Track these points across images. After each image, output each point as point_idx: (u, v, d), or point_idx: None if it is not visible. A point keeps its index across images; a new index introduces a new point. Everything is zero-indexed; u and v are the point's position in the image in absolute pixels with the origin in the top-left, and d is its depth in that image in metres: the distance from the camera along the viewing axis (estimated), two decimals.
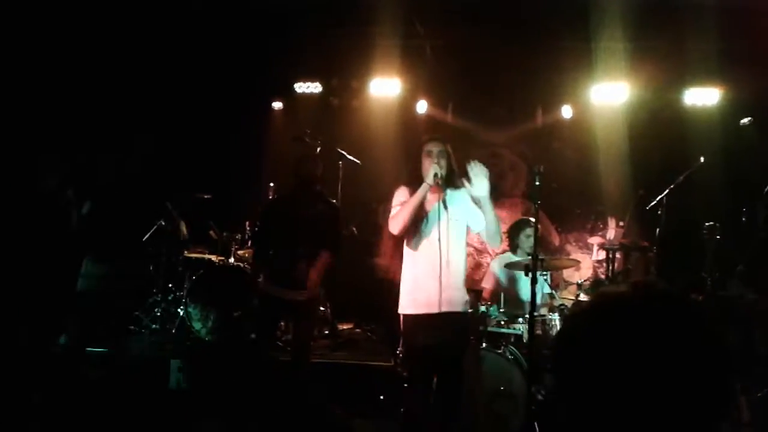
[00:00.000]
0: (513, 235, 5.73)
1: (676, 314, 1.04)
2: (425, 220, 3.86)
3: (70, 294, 4.47)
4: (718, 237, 4.73)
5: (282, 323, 5.59)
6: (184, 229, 6.11)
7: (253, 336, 4.81)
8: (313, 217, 4.66)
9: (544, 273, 5.09)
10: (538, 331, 4.67)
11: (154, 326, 6.14)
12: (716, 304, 4.74)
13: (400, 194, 3.96)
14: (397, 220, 3.84)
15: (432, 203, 3.88)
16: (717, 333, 1.03)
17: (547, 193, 4.42)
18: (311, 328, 4.89)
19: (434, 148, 3.95)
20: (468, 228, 4.01)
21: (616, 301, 1.09)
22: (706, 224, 4.75)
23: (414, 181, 3.91)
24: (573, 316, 1.16)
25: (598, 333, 1.05)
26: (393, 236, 3.98)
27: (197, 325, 5.99)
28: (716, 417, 1.01)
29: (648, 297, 1.06)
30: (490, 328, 4.95)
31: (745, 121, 6.43)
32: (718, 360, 1.02)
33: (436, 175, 3.77)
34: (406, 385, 4.54)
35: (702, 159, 5.49)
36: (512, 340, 4.95)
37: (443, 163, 3.88)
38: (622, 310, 1.06)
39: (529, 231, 5.54)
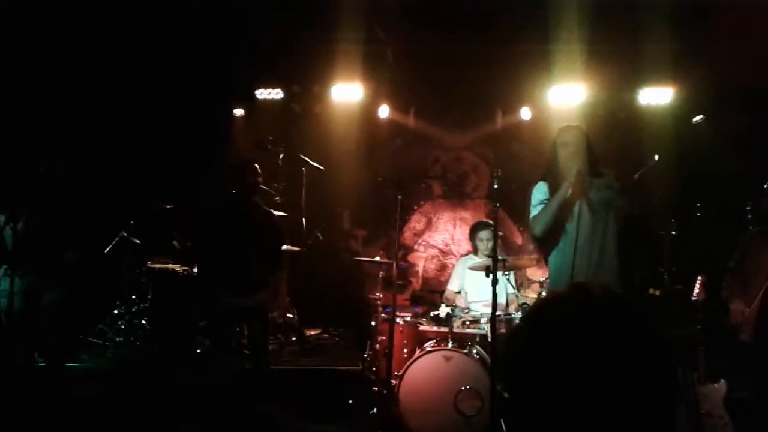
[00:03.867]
0: (472, 238, 5.83)
1: (614, 312, 1.07)
2: (571, 217, 3.69)
3: None
4: (673, 233, 4.85)
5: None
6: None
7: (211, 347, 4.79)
8: (256, 223, 4.69)
9: (507, 273, 5.18)
10: (502, 330, 4.74)
11: (118, 339, 6.05)
12: (673, 297, 4.87)
13: (540, 191, 3.79)
14: (539, 222, 3.68)
15: (576, 198, 3.70)
16: (655, 328, 1.06)
17: (508, 194, 4.49)
18: (266, 331, 4.89)
19: (570, 138, 3.78)
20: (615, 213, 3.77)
21: (555, 303, 1.12)
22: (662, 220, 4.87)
23: (552, 175, 3.77)
24: (520, 321, 1.20)
25: (540, 336, 1.08)
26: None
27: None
28: (663, 409, 1.04)
29: (586, 297, 1.09)
30: (455, 329, 5.03)
31: (697, 119, 6.62)
32: (657, 354, 1.05)
33: (579, 172, 3.62)
34: None
35: (657, 157, 5.62)
36: (477, 339, 5.03)
37: (583, 154, 3.71)
38: (562, 311, 1.09)
39: (483, 234, 5.63)
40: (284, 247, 6.23)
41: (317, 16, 6.39)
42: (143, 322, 6.06)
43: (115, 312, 6.22)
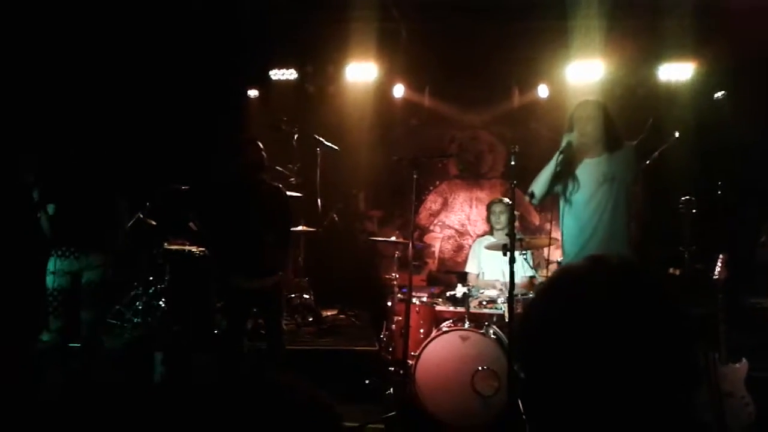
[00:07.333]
0: (488, 217, 5.79)
1: (634, 285, 1.03)
2: (574, 189, 3.86)
3: (42, 291, 4.44)
4: (694, 211, 4.76)
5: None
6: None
7: (225, 327, 4.77)
8: (263, 202, 4.58)
9: (524, 252, 5.13)
10: (520, 310, 4.71)
11: (136, 320, 6.11)
12: (693, 277, 4.79)
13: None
14: (533, 189, 3.91)
15: (568, 168, 3.86)
16: (675, 302, 1.02)
17: (525, 173, 4.43)
18: (280, 312, 4.86)
19: (583, 113, 3.89)
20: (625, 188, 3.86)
21: (573, 277, 1.08)
22: (682, 198, 4.78)
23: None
24: (535, 296, 1.15)
25: (556, 312, 1.04)
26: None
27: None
28: (684, 385, 1.00)
29: (605, 270, 1.06)
30: (472, 309, 5.00)
31: (718, 95, 6.48)
32: (678, 328, 1.01)
33: (569, 143, 3.79)
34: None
35: (677, 134, 5.52)
36: (494, 320, 5.00)
37: (588, 128, 3.82)
38: (578, 286, 1.05)
39: (495, 207, 5.62)
40: (299, 227, 6.24)
41: None
42: (161, 303, 6.09)
43: (133, 293, 6.28)
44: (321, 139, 6.64)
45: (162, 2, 6.32)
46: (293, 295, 6.55)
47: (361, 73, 7.51)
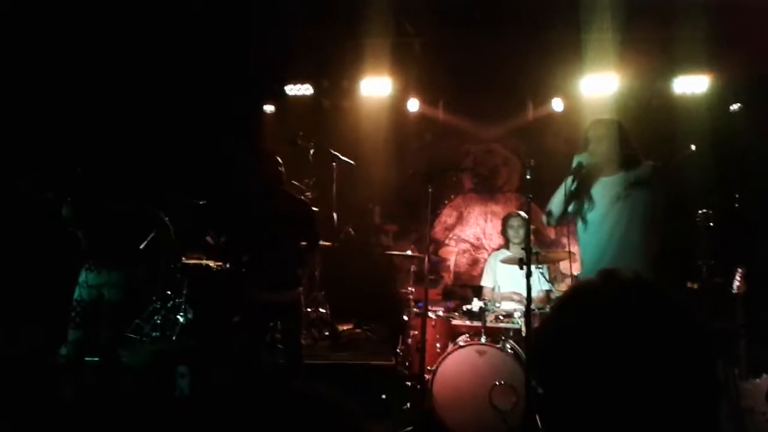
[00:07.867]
0: (503, 230, 5.78)
1: (650, 301, 1.03)
2: (590, 209, 3.80)
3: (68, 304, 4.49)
4: (711, 224, 4.74)
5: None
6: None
7: (245, 342, 4.78)
8: (286, 215, 4.57)
9: (540, 266, 5.12)
10: (536, 325, 4.69)
11: (154, 334, 6.15)
12: (712, 291, 4.76)
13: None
14: (550, 211, 3.85)
15: (581, 190, 3.79)
16: (690, 314, 1.03)
17: (540, 187, 4.44)
18: (300, 326, 4.86)
19: (595, 133, 3.83)
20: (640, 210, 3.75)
21: (586, 292, 1.09)
22: (700, 212, 4.76)
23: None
24: (549, 312, 1.16)
25: (570, 327, 1.04)
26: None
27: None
28: (704, 398, 1.00)
29: (616, 285, 1.06)
30: (488, 323, 4.99)
31: (734, 107, 6.47)
32: (694, 340, 1.01)
33: (579, 164, 3.71)
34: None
35: (693, 147, 5.50)
36: (511, 334, 4.98)
37: (601, 148, 3.76)
38: (591, 301, 1.06)
39: (513, 221, 5.61)
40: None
41: (345, 11, 6.38)
42: (179, 317, 6.14)
43: (151, 307, 6.33)
44: (336, 153, 6.68)
45: (179, 18, 6.41)
46: (309, 309, 6.57)
47: (375, 87, 7.57)
